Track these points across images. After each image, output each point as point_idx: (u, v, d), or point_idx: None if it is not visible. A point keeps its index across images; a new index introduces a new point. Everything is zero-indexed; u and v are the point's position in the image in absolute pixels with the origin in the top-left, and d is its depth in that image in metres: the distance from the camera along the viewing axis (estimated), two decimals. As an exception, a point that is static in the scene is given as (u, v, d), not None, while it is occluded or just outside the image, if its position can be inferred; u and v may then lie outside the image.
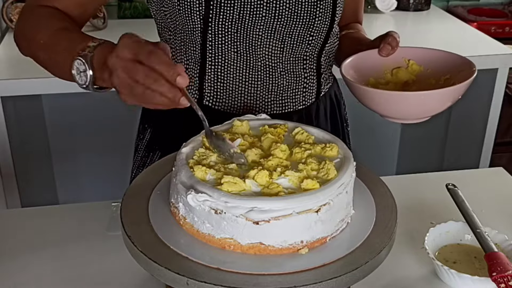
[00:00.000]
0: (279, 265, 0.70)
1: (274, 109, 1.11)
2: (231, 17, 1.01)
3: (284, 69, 1.09)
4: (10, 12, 2.06)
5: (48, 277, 0.92)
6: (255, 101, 1.09)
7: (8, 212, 1.47)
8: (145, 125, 1.21)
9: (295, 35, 1.06)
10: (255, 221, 0.70)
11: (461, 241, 0.98)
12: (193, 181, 0.74)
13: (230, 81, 1.07)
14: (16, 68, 1.86)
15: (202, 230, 0.74)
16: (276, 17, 1.03)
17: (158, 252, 0.72)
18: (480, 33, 2.24)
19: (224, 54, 1.05)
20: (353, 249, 0.74)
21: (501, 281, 0.83)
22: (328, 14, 1.06)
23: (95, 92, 0.86)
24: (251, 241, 0.72)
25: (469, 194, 1.03)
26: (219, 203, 0.71)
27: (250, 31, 1.03)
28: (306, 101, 1.14)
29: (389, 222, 0.79)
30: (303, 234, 0.73)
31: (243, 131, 0.86)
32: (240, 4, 1.00)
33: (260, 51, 1.05)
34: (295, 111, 1.13)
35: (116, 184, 1.60)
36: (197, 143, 0.84)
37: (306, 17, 1.04)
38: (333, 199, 0.74)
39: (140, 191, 0.84)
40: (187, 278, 0.67)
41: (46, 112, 2.29)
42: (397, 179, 1.30)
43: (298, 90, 1.12)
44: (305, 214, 0.71)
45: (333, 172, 0.77)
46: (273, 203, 0.71)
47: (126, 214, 0.78)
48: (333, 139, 0.86)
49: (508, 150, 2.33)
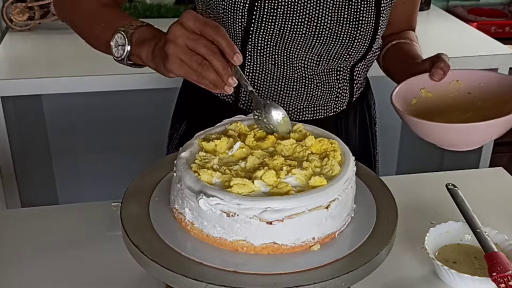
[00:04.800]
0: (293, 263, 0.71)
1: (305, 116, 1.13)
2: (272, 32, 1.02)
3: (319, 80, 1.10)
4: (10, 12, 2.06)
5: (48, 277, 0.92)
6: (288, 108, 1.11)
7: (8, 212, 1.46)
8: (182, 117, 1.24)
9: (332, 53, 1.06)
10: (268, 221, 0.71)
11: (461, 241, 0.98)
12: (200, 186, 0.73)
13: (265, 90, 1.10)
14: (16, 68, 1.86)
15: (212, 234, 0.73)
16: (315, 36, 1.03)
17: (170, 259, 0.71)
18: (480, 33, 2.24)
19: (261, 65, 1.07)
20: (361, 242, 0.75)
21: (501, 281, 0.83)
22: (368, 36, 1.06)
23: (127, 65, 0.92)
24: (265, 241, 0.72)
25: (469, 194, 1.03)
26: (231, 205, 0.71)
27: (289, 46, 1.04)
28: (337, 108, 1.15)
29: (390, 222, 0.79)
30: (315, 231, 0.74)
31: (241, 131, 0.86)
32: (282, 20, 1.01)
33: (296, 64, 1.07)
34: (325, 118, 1.14)
35: (116, 184, 1.60)
36: (195, 147, 0.83)
37: (345, 38, 1.04)
38: (341, 194, 0.75)
39: (140, 191, 0.84)
40: (206, 284, 0.67)
41: (46, 112, 2.29)
42: (397, 179, 1.30)
43: (331, 99, 1.13)
44: (317, 211, 0.72)
45: (337, 168, 0.78)
46: (285, 202, 0.71)
47: (126, 214, 0.78)
48: (330, 136, 0.86)
49: (508, 150, 2.32)
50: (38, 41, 1.99)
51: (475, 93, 1.01)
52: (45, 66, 1.83)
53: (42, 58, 1.89)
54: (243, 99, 1.12)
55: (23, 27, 2.08)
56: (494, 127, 0.88)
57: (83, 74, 1.76)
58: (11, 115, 1.83)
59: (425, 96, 1.02)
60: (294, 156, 0.81)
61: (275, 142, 0.84)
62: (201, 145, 0.83)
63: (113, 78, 1.77)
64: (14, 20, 2.06)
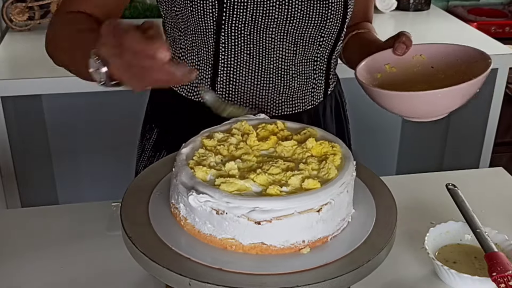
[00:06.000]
0: (281, 265, 0.71)
1: (284, 110, 1.12)
2: (244, 20, 1.02)
3: (296, 71, 1.10)
4: (10, 12, 2.06)
5: (48, 277, 0.92)
6: (266, 102, 1.10)
7: (8, 212, 1.46)
8: (152, 125, 1.22)
9: (307, 37, 1.06)
10: (257, 221, 0.70)
11: (461, 241, 0.98)
12: (194, 182, 0.74)
13: (242, 83, 1.08)
14: (16, 68, 1.86)
15: (203, 230, 0.74)
16: (288, 19, 1.03)
17: (160, 253, 0.71)
18: (480, 33, 2.24)
19: (236, 56, 1.06)
20: (354, 248, 0.74)
21: (501, 281, 0.83)
22: (339, 15, 1.07)
23: (114, 88, 0.82)
24: (253, 241, 0.72)
25: (469, 194, 1.03)
26: (220, 203, 0.71)
27: (263, 33, 1.04)
28: (314, 101, 1.15)
29: (390, 222, 0.79)
30: (304, 234, 0.73)
31: (245, 131, 0.87)
32: (253, 6, 1.01)
33: (273, 53, 1.06)
34: (304, 111, 1.14)
35: (116, 184, 1.60)
36: (197, 144, 0.84)
37: (317, 18, 1.05)
38: (334, 198, 0.74)
39: (140, 191, 0.84)
40: (190, 279, 0.67)
41: (46, 112, 2.29)
42: (397, 179, 1.30)
43: (307, 90, 1.13)
44: (307, 213, 0.72)
45: (334, 171, 0.77)
46: (274, 203, 0.71)
47: (126, 214, 0.78)
48: (334, 138, 0.86)
49: (508, 150, 2.33)
50: (38, 41, 1.98)
51: (438, 66, 1.03)
52: (45, 66, 1.81)
53: (42, 58, 1.86)
54: (219, 97, 1.10)
55: (23, 27, 2.08)
56: (452, 94, 0.89)
57: (83, 74, 1.76)
58: (11, 115, 1.83)
59: (390, 72, 1.03)
60: (293, 157, 0.81)
61: (276, 142, 0.84)
62: (203, 142, 0.84)
63: (113, 78, 1.77)
64: (14, 20, 2.07)
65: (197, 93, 1.10)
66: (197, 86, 1.09)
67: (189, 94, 1.11)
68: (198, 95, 1.10)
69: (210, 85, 1.08)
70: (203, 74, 1.08)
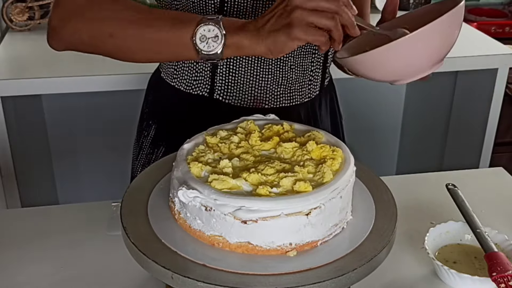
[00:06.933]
0: (265, 266, 0.70)
1: (282, 102, 1.13)
2: (245, 10, 1.02)
3: (294, 63, 1.11)
4: (10, 12, 2.06)
5: (48, 277, 0.92)
6: (264, 94, 1.11)
7: (8, 212, 1.46)
8: (149, 122, 1.22)
9: None
10: (243, 220, 0.70)
11: (461, 241, 0.98)
12: (187, 177, 0.75)
13: (241, 75, 1.09)
14: (16, 68, 1.86)
15: (193, 226, 0.74)
16: None
17: (150, 245, 0.72)
18: (480, 33, 2.24)
19: None
20: (342, 255, 0.72)
21: (501, 281, 0.83)
22: None
23: (214, 61, 0.86)
24: (239, 240, 0.72)
25: (469, 194, 1.03)
26: (208, 200, 0.71)
27: None
28: (311, 94, 1.17)
29: (390, 222, 0.78)
30: (291, 237, 0.72)
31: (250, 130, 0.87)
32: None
33: None
34: (302, 104, 1.15)
35: (116, 184, 1.60)
36: (200, 140, 0.84)
37: None
38: (325, 203, 0.73)
39: (140, 191, 0.84)
40: (172, 273, 0.68)
41: (46, 112, 2.29)
42: (397, 179, 1.30)
43: (305, 83, 1.14)
44: (294, 216, 0.71)
45: (329, 176, 0.76)
46: (261, 203, 0.70)
47: (126, 214, 0.78)
48: (337, 143, 0.85)
49: (508, 150, 2.32)
50: (38, 41, 1.99)
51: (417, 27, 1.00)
52: (45, 66, 1.83)
53: (42, 58, 1.89)
54: (219, 89, 1.10)
55: (23, 27, 2.09)
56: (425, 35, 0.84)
57: (83, 74, 1.76)
58: (11, 115, 1.83)
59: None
60: (292, 159, 0.81)
61: (278, 143, 0.84)
62: (206, 139, 0.84)
63: (113, 78, 1.77)
64: (14, 20, 2.07)
65: (196, 87, 1.10)
66: (195, 79, 1.10)
67: (187, 88, 1.11)
68: (197, 89, 1.10)
69: (210, 78, 1.09)
70: (203, 67, 1.09)
